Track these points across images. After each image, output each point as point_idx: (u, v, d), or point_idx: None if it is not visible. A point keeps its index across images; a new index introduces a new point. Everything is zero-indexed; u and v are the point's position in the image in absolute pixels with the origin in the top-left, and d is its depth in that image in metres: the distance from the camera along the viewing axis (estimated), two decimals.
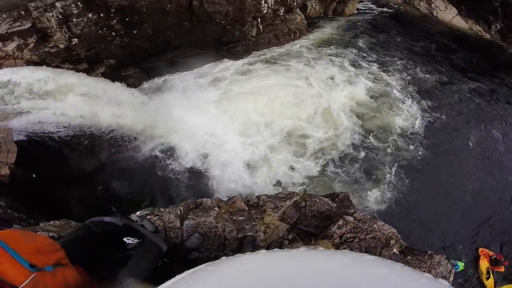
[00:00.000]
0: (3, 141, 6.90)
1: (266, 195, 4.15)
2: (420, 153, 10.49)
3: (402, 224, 8.66)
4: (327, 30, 14.60)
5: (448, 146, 11.00)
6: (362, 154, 10.17)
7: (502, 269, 8.54)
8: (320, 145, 10.25)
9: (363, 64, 13.33)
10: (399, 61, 14.10)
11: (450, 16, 18.05)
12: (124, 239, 1.69)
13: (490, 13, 17.30)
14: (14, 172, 6.63)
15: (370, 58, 13.88)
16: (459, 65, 14.86)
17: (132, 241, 1.71)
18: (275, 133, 10.43)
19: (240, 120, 10.69)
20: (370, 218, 3.67)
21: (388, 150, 10.42)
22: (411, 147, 10.63)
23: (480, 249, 8.80)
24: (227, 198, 4.12)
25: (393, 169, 9.90)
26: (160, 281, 0.83)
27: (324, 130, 10.76)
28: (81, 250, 1.47)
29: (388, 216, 8.72)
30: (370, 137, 10.75)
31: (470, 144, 11.27)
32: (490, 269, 8.42)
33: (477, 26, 17.71)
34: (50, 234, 2.89)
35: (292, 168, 9.58)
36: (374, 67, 13.39)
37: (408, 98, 12.34)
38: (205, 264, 0.82)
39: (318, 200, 3.91)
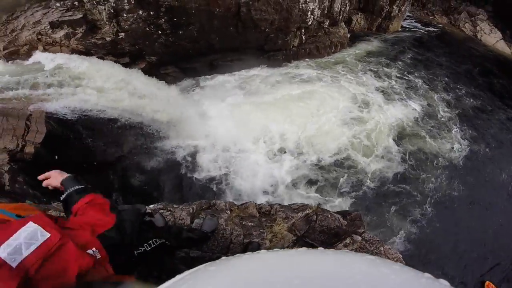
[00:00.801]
0: (34, 121, 6.74)
1: (279, 204, 4.19)
2: (451, 182, 9.60)
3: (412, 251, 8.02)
4: (370, 45, 14.11)
5: (482, 180, 10.00)
6: (391, 175, 9.43)
7: None
8: (347, 160, 9.61)
9: (401, 81, 12.65)
10: (440, 82, 13.31)
11: (494, 40, 17.31)
12: None
13: None
14: (38, 152, 6.51)
15: (410, 76, 13.16)
16: (499, 92, 13.94)
17: None
18: (307, 150, 9.83)
19: (271, 131, 10.21)
20: (378, 241, 3.62)
21: (421, 175, 9.63)
22: (444, 175, 9.77)
23: (486, 283, 7.89)
24: (241, 203, 4.11)
25: (419, 198, 9.06)
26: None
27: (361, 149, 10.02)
28: None
29: (400, 242, 8.13)
30: (402, 157, 10.00)
31: (506, 179, 10.13)
32: None
33: None
34: (62, 214, 2.93)
35: (313, 183, 8.98)
36: (413, 85, 12.64)
37: (448, 122, 11.51)
38: (205, 264, 0.81)
39: (329, 216, 3.87)
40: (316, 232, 3.73)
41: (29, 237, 0.98)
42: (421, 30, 16.85)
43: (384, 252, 3.50)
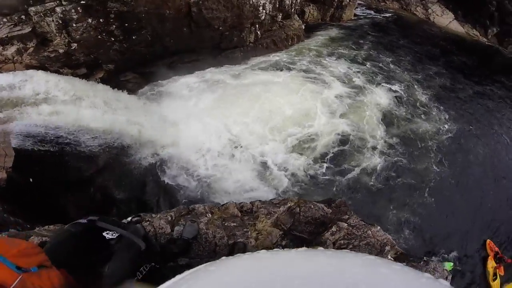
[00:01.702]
0: (0, 145, 6.91)
1: (260, 201, 4.15)
2: (427, 155, 10.50)
3: (406, 227, 8.71)
4: (325, 35, 14.75)
5: (455, 151, 11.03)
6: (377, 160, 10.13)
7: (502, 271, 8.47)
8: (318, 145, 10.30)
9: (358, 67, 13.43)
10: (406, 63, 14.22)
11: (447, 21, 18.25)
12: (104, 233, 1.71)
13: (487, 17, 17.48)
14: (11, 176, 6.63)
15: (375, 61, 13.98)
16: (459, 69, 15.04)
17: (112, 235, 1.73)
18: (282, 140, 10.44)
19: (240, 126, 10.70)
20: (364, 224, 3.64)
21: (408, 158, 10.41)
22: (431, 155, 10.65)
23: (488, 241, 8.74)
24: (221, 204, 4.10)
25: (391, 173, 9.91)
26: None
27: (324, 129, 10.79)
28: (63, 252, 1.52)
29: (392, 222, 8.72)
30: (388, 141, 10.76)
31: (476, 148, 11.35)
32: (497, 270, 8.35)
33: (474, 30, 17.90)
34: (44, 238, 2.92)
35: (293, 174, 9.56)
36: (381, 68, 13.49)
37: (429, 103, 12.40)
38: (205, 264, 0.82)
39: (312, 206, 3.89)
40: (302, 224, 3.75)
41: None
42: (374, 16, 17.60)
43: (373, 234, 3.56)
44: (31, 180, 7.09)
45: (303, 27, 14.08)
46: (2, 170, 6.54)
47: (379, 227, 3.68)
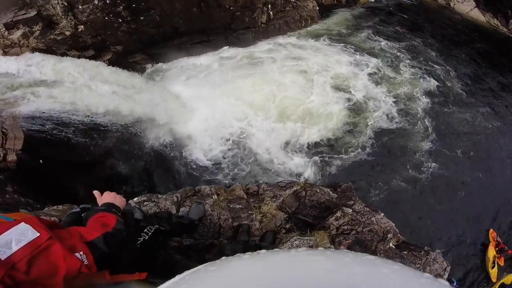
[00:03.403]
0: (10, 128, 6.92)
1: (266, 183, 4.11)
2: (432, 142, 10.28)
3: (412, 214, 8.71)
4: (340, 17, 13.98)
5: (463, 137, 10.78)
6: (371, 140, 9.99)
7: (502, 262, 8.53)
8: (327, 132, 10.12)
9: (375, 51, 12.87)
10: (413, 50, 13.52)
11: (467, 8, 17.17)
12: None
13: (509, 7, 16.35)
14: (21, 158, 6.69)
15: (399, 45, 13.38)
16: (480, 58, 14.28)
17: None
18: (293, 121, 10.30)
19: (248, 107, 10.51)
20: (369, 211, 3.62)
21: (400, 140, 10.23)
22: (425, 139, 10.45)
23: (490, 231, 8.78)
24: (227, 186, 4.10)
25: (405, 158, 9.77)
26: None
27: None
28: None
29: (396, 208, 8.67)
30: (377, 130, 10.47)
31: (485, 135, 11.03)
32: (497, 259, 8.44)
33: (495, 20, 16.77)
34: (52, 218, 2.96)
35: (295, 152, 9.51)
36: (384, 55, 12.91)
37: (428, 92, 11.97)
38: (205, 264, 0.82)
39: (318, 190, 3.87)
40: (307, 207, 3.74)
41: (20, 234, 1.09)
42: (393, 1, 16.49)
43: (376, 221, 3.56)
44: (41, 161, 7.14)
45: (318, 9, 13.31)
46: (12, 153, 6.58)
47: (382, 214, 3.69)
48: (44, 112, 7.74)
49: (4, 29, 7.47)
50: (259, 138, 9.84)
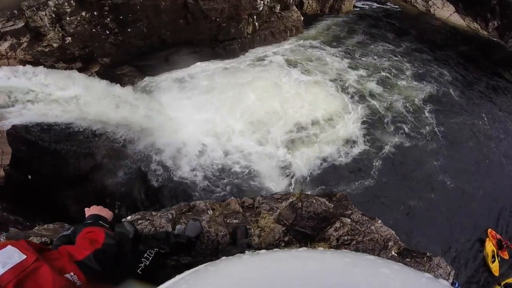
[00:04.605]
0: None
1: (261, 196, 4.09)
2: (427, 148, 10.60)
3: (407, 220, 8.80)
4: (323, 27, 14.53)
5: (452, 140, 11.14)
6: (362, 146, 10.25)
7: (506, 255, 8.70)
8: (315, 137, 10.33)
9: (357, 58, 13.38)
10: (402, 57, 14.16)
11: (447, 13, 18.03)
12: None
13: (488, 10, 17.26)
14: (9, 174, 6.64)
15: (365, 53, 13.91)
16: (463, 62, 15.01)
17: None
18: (280, 133, 10.45)
19: (236, 117, 10.68)
20: (367, 219, 3.60)
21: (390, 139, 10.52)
22: (414, 142, 10.78)
23: (489, 230, 8.94)
24: (222, 200, 4.04)
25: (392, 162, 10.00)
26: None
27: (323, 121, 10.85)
28: None
29: (391, 214, 8.78)
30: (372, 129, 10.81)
31: (474, 136, 11.49)
32: (496, 253, 8.58)
33: (475, 23, 17.70)
34: (43, 239, 2.90)
35: (285, 167, 9.58)
36: (366, 62, 13.44)
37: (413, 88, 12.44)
38: (205, 264, 0.83)
39: (314, 201, 3.85)
40: (304, 219, 3.72)
41: (6, 257, 1.09)
42: (374, 8, 17.29)
43: (376, 230, 3.54)
44: (29, 177, 7.08)
45: (302, 19, 13.80)
46: None
47: (380, 221, 3.67)
48: (32, 126, 7.72)
49: None
50: (248, 150, 9.96)
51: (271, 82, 11.79)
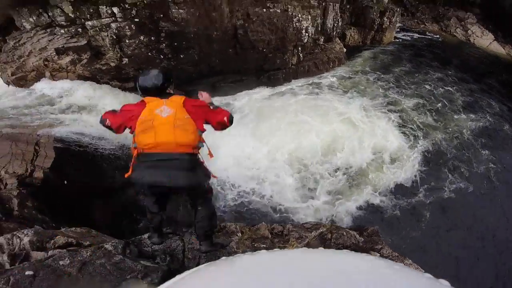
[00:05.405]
0: (43, 146, 6.76)
1: (291, 224, 4.17)
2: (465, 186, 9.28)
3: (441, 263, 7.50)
4: (366, 58, 14.48)
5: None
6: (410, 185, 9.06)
7: None
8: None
9: (401, 89, 12.86)
10: (445, 86, 13.55)
11: (487, 42, 17.80)
12: None
13: None
14: (47, 177, 6.44)
15: (407, 83, 13.44)
16: (503, 91, 14.22)
17: None
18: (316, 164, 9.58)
19: (275, 149, 10.01)
20: (397, 256, 3.52)
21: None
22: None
23: None
24: (252, 225, 4.03)
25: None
26: None
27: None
28: None
29: (425, 258, 7.49)
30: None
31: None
32: None
33: None
34: (69, 239, 2.97)
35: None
36: (418, 89, 12.89)
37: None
38: (205, 264, 0.85)
39: (345, 233, 3.81)
40: None
41: None
42: (415, 39, 17.43)
43: None
44: (65, 182, 6.83)
45: (344, 50, 13.91)
46: (39, 170, 6.30)
47: (410, 261, 3.54)
48: (77, 136, 7.73)
49: (54, 53, 7.63)
50: (283, 179, 9.16)
51: (318, 112, 11.23)
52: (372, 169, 9.42)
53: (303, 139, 10.13)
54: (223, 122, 2.42)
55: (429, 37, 17.95)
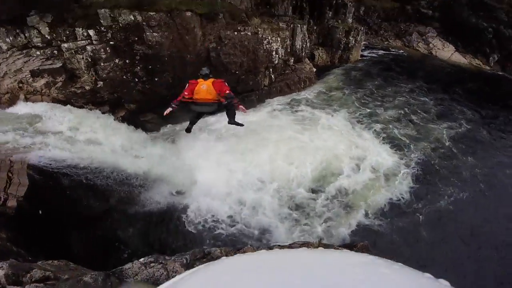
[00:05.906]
0: (16, 172, 6.67)
1: (279, 245, 4.10)
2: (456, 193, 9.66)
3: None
4: (335, 76, 15.46)
5: (495, 185, 10.17)
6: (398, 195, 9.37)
7: None
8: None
9: (378, 102, 13.74)
10: (417, 97, 14.52)
11: (448, 53, 19.02)
12: None
13: (486, 45, 17.96)
14: (21, 206, 6.33)
15: (381, 96, 14.40)
16: (473, 98, 15.21)
17: None
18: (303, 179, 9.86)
19: (255, 164, 10.29)
20: None
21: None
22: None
23: None
24: (238, 248, 4.01)
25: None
26: None
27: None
28: None
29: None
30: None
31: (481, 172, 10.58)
32: None
33: (476, 60, 18.51)
34: (47, 273, 2.89)
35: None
36: (391, 102, 13.72)
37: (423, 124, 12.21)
38: (205, 264, 0.88)
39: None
40: None
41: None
42: (380, 56, 18.62)
43: None
44: (40, 212, 6.71)
45: (314, 70, 14.80)
46: (13, 198, 6.21)
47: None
48: (52, 162, 7.57)
49: (29, 75, 7.68)
50: (266, 199, 9.28)
51: (293, 130, 11.70)
52: (361, 185, 9.63)
53: (283, 157, 10.42)
54: (225, 94, 7.96)
55: (394, 52, 19.16)
